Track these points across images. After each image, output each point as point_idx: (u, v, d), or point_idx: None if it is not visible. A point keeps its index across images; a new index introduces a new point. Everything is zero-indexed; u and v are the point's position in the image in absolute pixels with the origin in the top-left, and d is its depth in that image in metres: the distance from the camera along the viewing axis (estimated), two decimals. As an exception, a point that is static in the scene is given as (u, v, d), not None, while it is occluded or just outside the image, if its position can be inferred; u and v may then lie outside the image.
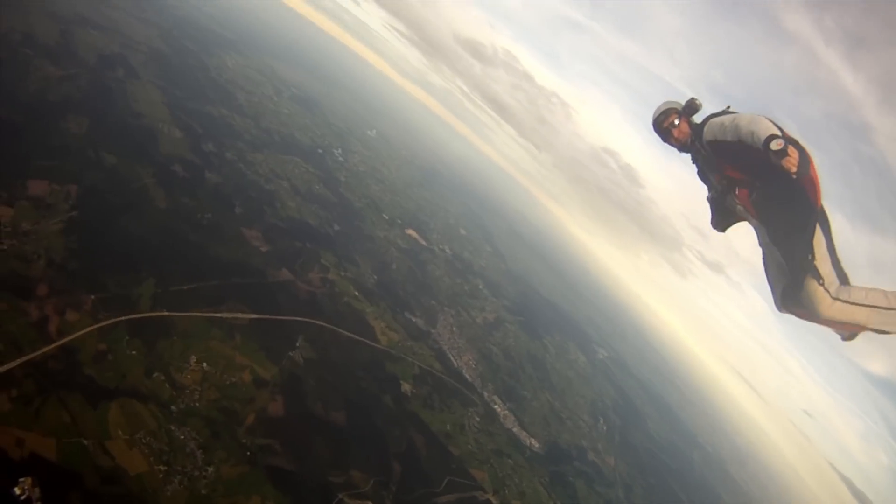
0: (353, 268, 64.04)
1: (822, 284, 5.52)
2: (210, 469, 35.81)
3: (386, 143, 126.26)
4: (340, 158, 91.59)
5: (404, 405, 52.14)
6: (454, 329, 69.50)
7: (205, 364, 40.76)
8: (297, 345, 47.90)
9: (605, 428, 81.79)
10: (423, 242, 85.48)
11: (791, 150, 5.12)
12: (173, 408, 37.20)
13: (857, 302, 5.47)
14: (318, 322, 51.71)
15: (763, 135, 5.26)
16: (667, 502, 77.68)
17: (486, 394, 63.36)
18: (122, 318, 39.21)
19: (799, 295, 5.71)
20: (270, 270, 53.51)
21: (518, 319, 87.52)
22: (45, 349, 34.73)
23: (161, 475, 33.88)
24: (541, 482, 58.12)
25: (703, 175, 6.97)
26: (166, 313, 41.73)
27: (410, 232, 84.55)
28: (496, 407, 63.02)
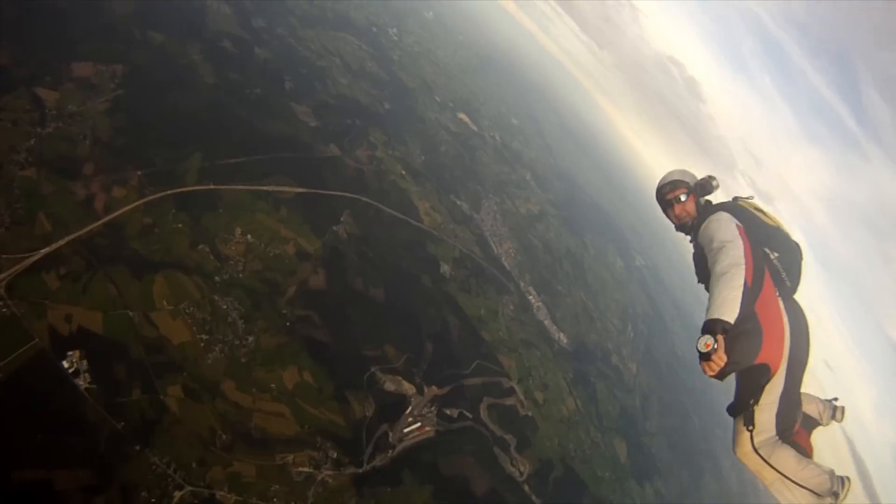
0: (401, 147, 63.22)
1: (751, 431, 5.16)
2: (250, 338, 37.29)
3: (443, 26, 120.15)
4: (395, 38, 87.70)
5: (442, 286, 52.89)
6: (497, 216, 69.09)
7: (249, 236, 41.49)
8: (342, 220, 48.27)
9: (632, 335, 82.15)
10: (474, 128, 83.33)
11: (718, 357, 4.44)
12: (217, 279, 38.30)
13: (771, 463, 5.10)
14: (363, 198, 51.84)
15: (710, 313, 4.66)
16: (679, 421, 79.25)
17: (522, 284, 63.75)
18: (169, 192, 39.67)
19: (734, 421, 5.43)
20: (318, 146, 53.19)
21: (561, 215, 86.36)
22: (91, 226, 35.54)
23: (203, 344, 35.47)
24: (564, 378, 59.45)
25: (696, 261, 6.27)
26: (213, 186, 42.08)
27: (462, 116, 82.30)
28: (531, 298, 63.55)
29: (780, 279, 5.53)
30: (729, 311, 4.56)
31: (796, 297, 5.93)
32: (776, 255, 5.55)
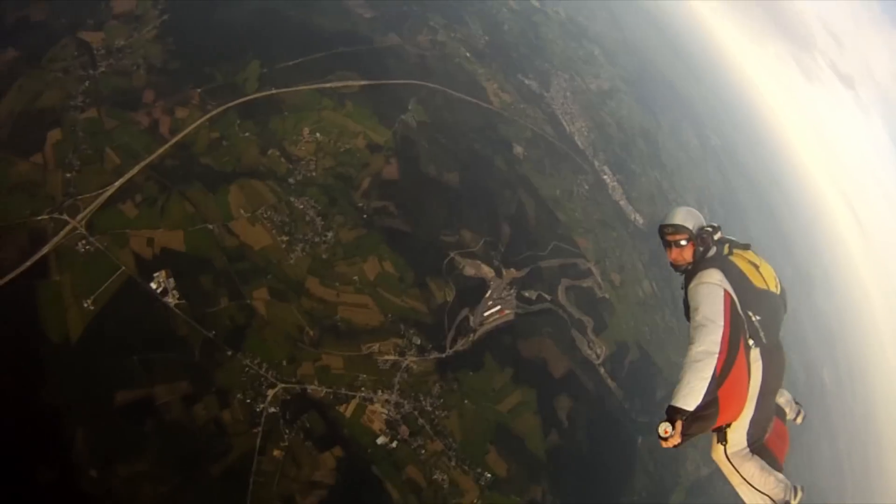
0: (462, 29, 60.56)
1: (724, 445, 5.70)
2: (329, 234, 38.14)
3: None
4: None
5: (515, 168, 52.05)
6: (567, 94, 66.11)
7: (318, 134, 41.54)
8: (409, 108, 47.54)
9: (708, 217, 78.89)
10: (536, 3, 78.05)
11: (673, 440, 5.09)
12: (291, 180, 38.90)
13: (740, 471, 5.70)
14: (429, 84, 50.71)
15: (674, 399, 5.16)
16: None
17: (596, 163, 61.98)
18: (231, 103, 39.95)
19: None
20: (377, 36, 51.78)
21: (633, 91, 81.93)
22: (160, 150, 36.33)
23: (284, 245, 36.53)
24: (640, 259, 58.67)
25: (685, 304, 6.30)
26: (275, 91, 41.99)
27: (522, -8, 77.56)
28: (605, 177, 61.86)
29: (758, 337, 5.77)
30: (692, 401, 5.08)
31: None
32: (758, 318, 5.79)
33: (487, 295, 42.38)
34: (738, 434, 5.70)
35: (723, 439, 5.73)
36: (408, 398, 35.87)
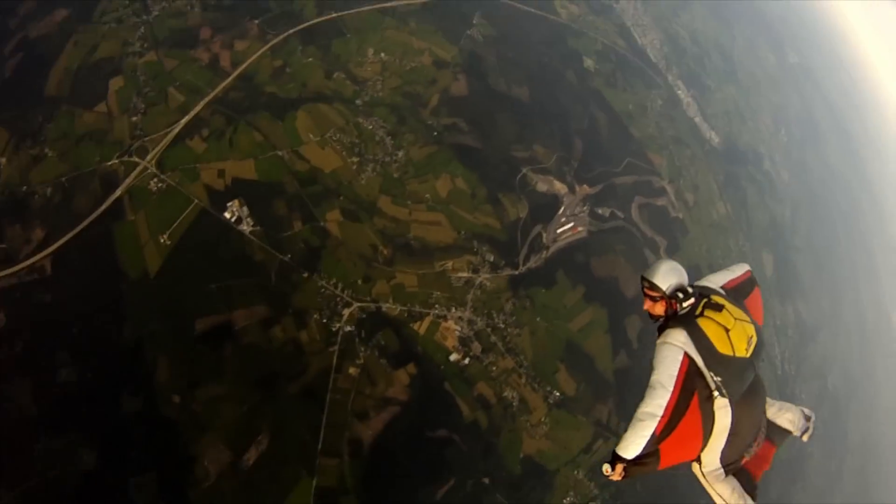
0: (524, -62, 58.02)
1: (699, 464, 6.16)
2: (400, 153, 38.20)
3: None
4: None
5: (587, 81, 50.56)
6: (638, 5, 62.96)
7: (382, 54, 41.37)
8: (475, 23, 46.55)
9: (785, 139, 75.16)
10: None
11: (614, 477, 5.69)
12: (358, 102, 38.96)
13: (714, 489, 6.26)
14: (492, -2, 49.27)
15: (618, 447, 5.64)
16: (826, 240, 73.43)
17: (669, 77, 59.40)
18: (291, 31, 39.98)
19: None
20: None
21: (707, 2, 77.57)
22: (223, 84, 36.83)
23: (355, 166, 36.86)
24: (715, 180, 56.52)
25: None
26: (335, 14, 41.78)
27: None
28: (679, 92, 59.32)
29: (722, 392, 5.94)
30: (631, 452, 5.57)
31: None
32: (719, 378, 5.92)
33: (560, 211, 41.80)
34: (710, 458, 6.08)
35: (697, 459, 6.14)
36: (480, 315, 36.10)
